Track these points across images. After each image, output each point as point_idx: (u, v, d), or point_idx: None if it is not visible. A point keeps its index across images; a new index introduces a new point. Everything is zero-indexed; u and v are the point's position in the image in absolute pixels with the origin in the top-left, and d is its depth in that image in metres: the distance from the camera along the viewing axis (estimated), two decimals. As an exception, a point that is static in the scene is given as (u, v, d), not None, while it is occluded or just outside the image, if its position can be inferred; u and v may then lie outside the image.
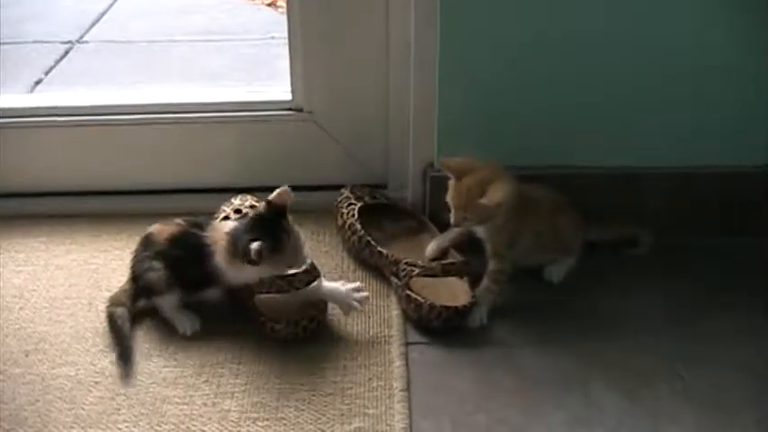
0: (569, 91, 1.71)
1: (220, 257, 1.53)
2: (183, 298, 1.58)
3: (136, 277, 1.60)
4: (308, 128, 1.87)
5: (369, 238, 1.70)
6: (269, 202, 1.53)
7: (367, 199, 1.80)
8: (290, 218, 1.52)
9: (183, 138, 1.90)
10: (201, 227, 1.58)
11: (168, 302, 1.58)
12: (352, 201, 1.79)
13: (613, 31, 1.65)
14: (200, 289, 1.57)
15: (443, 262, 1.63)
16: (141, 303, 1.60)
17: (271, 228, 1.50)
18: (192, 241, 1.56)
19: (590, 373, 1.47)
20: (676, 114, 1.72)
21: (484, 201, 1.50)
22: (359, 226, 1.72)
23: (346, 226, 1.75)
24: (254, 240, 1.46)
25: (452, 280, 1.62)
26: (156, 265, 1.56)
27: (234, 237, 1.52)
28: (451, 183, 1.56)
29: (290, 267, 1.53)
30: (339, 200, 1.81)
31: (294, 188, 1.71)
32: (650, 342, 1.54)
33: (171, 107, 1.92)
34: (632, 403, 1.41)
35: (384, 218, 1.80)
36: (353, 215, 1.75)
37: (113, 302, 1.59)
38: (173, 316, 1.58)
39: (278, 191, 1.53)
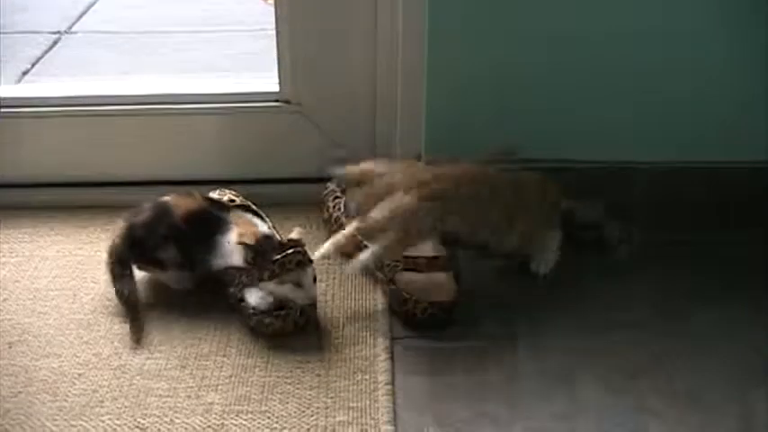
0: (559, 85, 1.71)
1: (234, 236, 1.54)
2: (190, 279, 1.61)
3: (144, 246, 1.59)
4: (296, 120, 1.86)
5: None
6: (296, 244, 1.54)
7: None
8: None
9: (170, 129, 1.89)
10: (220, 206, 1.63)
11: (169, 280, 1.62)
12: (338, 194, 1.78)
13: (610, 25, 1.65)
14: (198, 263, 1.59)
15: (428, 256, 1.62)
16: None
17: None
18: (210, 217, 1.59)
19: (575, 367, 1.47)
20: (674, 110, 1.72)
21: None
22: (344, 220, 1.72)
23: (332, 219, 1.74)
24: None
25: (438, 274, 1.61)
26: (170, 247, 1.57)
27: (262, 241, 1.53)
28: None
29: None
30: (325, 193, 1.80)
31: (281, 180, 1.72)
32: (637, 337, 1.54)
33: (158, 98, 1.91)
34: (617, 398, 1.40)
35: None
36: (339, 209, 1.74)
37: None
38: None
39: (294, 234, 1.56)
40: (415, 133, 1.75)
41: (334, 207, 1.75)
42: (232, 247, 1.54)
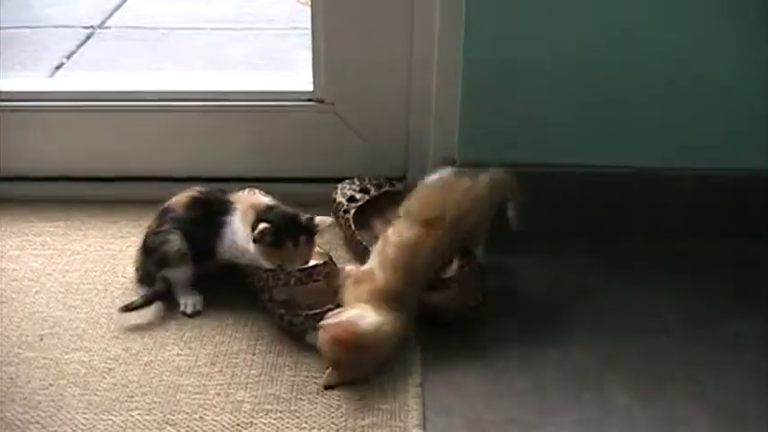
0: (595, 88, 1.69)
1: (239, 219, 1.56)
2: (195, 271, 1.60)
3: (150, 250, 1.62)
4: (329, 119, 1.86)
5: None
6: (311, 218, 1.55)
7: (358, 197, 1.77)
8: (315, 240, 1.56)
9: (202, 126, 1.90)
10: (223, 191, 1.63)
11: (180, 274, 1.60)
12: (345, 206, 1.75)
13: (628, 31, 1.64)
14: (211, 255, 1.60)
15: (444, 277, 1.56)
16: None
17: (292, 231, 1.52)
18: (212, 198, 1.61)
19: (604, 374, 1.46)
20: (704, 115, 1.71)
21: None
22: (359, 238, 1.69)
23: (348, 237, 1.73)
24: (266, 222, 1.50)
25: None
26: (172, 237, 1.59)
27: (262, 210, 1.55)
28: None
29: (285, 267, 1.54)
30: (334, 207, 1.76)
31: (313, 179, 1.71)
32: (667, 344, 1.53)
33: (191, 95, 1.92)
34: (646, 406, 1.39)
35: (383, 211, 1.75)
36: (350, 225, 1.72)
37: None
38: (179, 292, 1.60)
39: (327, 221, 1.57)
40: (448, 134, 1.74)
41: (345, 225, 1.73)
42: (238, 226, 1.56)
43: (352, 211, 1.74)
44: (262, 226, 1.50)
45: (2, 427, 1.34)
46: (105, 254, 1.75)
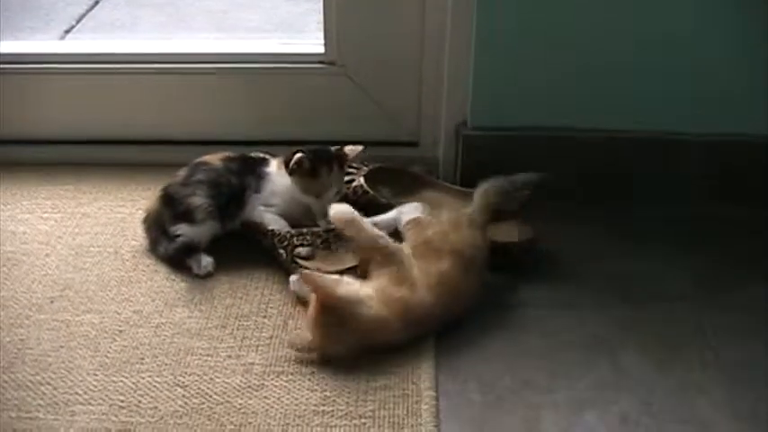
0: (607, 53, 1.67)
1: (276, 167, 1.62)
2: (219, 229, 1.61)
3: (171, 201, 1.61)
4: (340, 82, 1.84)
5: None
6: (340, 148, 1.62)
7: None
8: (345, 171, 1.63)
9: (213, 88, 1.89)
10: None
11: (202, 232, 1.59)
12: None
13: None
14: (238, 210, 1.61)
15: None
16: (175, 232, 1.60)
17: (326, 159, 1.60)
18: (247, 156, 1.66)
19: (619, 339, 1.45)
20: (707, 81, 1.69)
21: None
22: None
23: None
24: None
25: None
26: (200, 192, 1.59)
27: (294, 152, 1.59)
28: None
29: (318, 198, 1.60)
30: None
31: (323, 142, 1.70)
32: (682, 311, 1.52)
33: (202, 57, 1.91)
34: (661, 372, 1.39)
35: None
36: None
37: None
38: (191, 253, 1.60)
39: (358, 149, 1.64)
40: (461, 97, 1.73)
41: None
42: (276, 173, 1.62)
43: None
44: (298, 155, 1.56)
45: (13, 387, 1.34)
46: (115, 217, 1.75)
